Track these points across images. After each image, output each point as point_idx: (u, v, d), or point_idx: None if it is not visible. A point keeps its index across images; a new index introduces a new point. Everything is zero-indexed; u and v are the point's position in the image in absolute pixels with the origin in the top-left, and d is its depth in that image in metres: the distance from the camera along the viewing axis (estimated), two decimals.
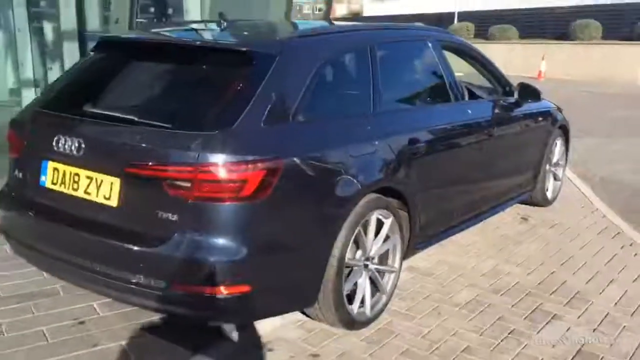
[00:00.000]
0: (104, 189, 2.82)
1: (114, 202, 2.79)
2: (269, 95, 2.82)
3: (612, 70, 22.61)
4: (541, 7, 31.28)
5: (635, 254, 4.58)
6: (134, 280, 2.70)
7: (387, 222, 3.36)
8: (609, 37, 25.94)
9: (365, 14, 45.92)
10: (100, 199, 2.83)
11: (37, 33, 12.28)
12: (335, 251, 3.00)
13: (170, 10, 11.20)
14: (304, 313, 3.34)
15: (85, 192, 2.88)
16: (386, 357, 3.05)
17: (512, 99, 4.86)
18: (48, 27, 12.14)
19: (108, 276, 2.78)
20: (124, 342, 3.09)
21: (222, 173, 2.59)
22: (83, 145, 2.83)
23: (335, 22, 4.44)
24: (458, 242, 4.61)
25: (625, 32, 25.58)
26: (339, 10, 46.79)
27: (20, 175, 3.22)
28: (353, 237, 3.10)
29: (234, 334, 3.14)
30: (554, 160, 5.66)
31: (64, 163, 2.95)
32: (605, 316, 3.57)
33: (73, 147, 2.85)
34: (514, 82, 5.02)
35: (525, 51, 26.18)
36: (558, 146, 5.67)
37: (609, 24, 26.44)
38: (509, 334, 3.33)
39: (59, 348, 3.02)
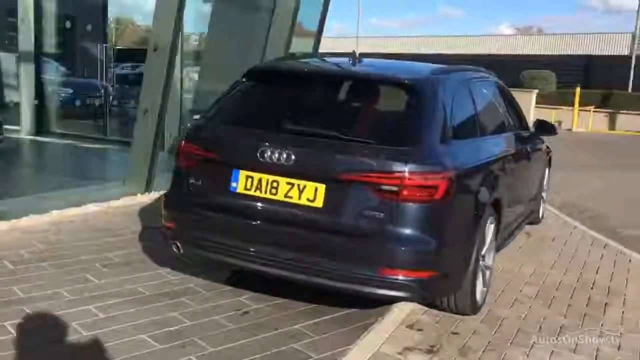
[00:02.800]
0: (307, 193, 3.36)
1: (319, 204, 3.34)
2: (437, 120, 3.54)
3: None
4: (429, 54, 34.39)
5: (630, 260, 5.64)
6: (343, 267, 3.27)
7: (491, 228, 4.12)
8: None
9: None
10: (303, 201, 3.37)
11: None
12: (475, 247, 3.72)
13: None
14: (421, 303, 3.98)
15: (286, 195, 3.40)
16: (509, 332, 3.77)
17: (528, 132, 5.84)
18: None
19: (315, 264, 3.32)
20: (297, 326, 3.59)
21: (424, 180, 3.25)
22: (293, 157, 3.35)
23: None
24: None
25: (510, 81, 28.52)
26: None
27: (200, 182, 3.65)
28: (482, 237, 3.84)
29: None
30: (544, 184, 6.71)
31: (260, 171, 3.46)
32: None
33: (281, 158, 3.36)
34: None
35: None
36: (547, 173, 6.74)
37: (496, 73, 29.39)
38: (584, 316, 4.16)
39: (248, 330, 3.49)
